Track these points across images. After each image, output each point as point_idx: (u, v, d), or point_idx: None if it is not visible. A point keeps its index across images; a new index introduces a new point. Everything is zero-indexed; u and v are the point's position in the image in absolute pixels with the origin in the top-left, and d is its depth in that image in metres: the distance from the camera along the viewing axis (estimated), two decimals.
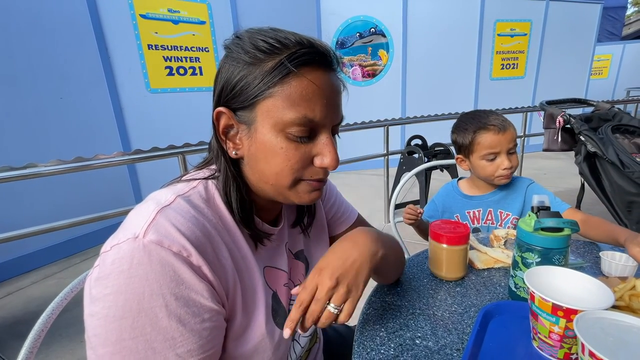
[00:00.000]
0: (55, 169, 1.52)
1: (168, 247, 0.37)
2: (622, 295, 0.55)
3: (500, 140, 0.98)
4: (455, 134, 1.07)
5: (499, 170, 1.00)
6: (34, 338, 0.50)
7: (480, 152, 1.00)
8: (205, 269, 0.40)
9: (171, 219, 0.40)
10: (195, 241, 0.40)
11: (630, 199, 1.34)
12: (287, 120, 0.42)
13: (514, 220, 1.06)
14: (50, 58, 2.40)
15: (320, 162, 0.45)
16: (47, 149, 2.39)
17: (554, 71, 5.23)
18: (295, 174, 0.45)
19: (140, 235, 0.37)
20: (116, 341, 0.35)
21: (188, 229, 0.40)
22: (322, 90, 0.43)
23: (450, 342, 0.54)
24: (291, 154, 0.44)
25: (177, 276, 0.37)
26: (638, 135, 1.48)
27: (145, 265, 0.36)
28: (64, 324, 1.70)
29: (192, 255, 0.39)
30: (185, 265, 0.38)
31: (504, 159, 0.99)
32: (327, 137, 0.45)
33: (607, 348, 0.37)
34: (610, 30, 8.83)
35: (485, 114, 1.03)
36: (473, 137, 1.00)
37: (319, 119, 0.43)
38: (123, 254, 0.37)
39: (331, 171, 0.46)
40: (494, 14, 4.68)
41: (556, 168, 4.33)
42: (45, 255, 2.46)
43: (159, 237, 0.37)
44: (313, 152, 0.45)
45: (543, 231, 0.59)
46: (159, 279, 0.36)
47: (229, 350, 0.46)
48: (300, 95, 0.42)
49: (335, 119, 0.46)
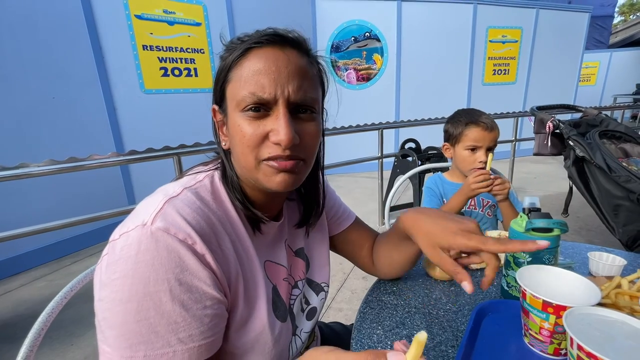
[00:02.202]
0: (49, 169, 1.50)
1: (174, 234, 0.39)
2: (609, 293, 0.57)
3: (485, 137, 1.09)
4: (449, 124, 1.18)
5: (475, 162, 1.10)
6: (34, 337, 0.50)
7: (465, 142, 1.11)
8: (208, 257, 0.41)
9: (178, 209, 0.41)
10: (200, 230, 0.42)
11: (617, 203, 1.38)
12: (239, 99, 0.44)
13: (493, 206, 1.20)
14: (43, 57, 2.38)
15: (274, 138, 0.44)
16: (38, 148, 2.36)
17: (544, 77, 5.36)
18: (252, 151, 0.45)
19: (148, 223, 0.39)
20: (121, 324, 0.37)
21: (194, 218, 0.42)
22: (271, 66, 0.43)
23: (445, 339, 0.56)
24: (245, 131, 0.45)
25: (182, 262, 0.39)
26: (624, 141, 1.53)
27: (152, 251, 0.38)
28: (54, 326, 1.67)
29: (196, 243, 0.40)
30: (190, 252, 0.40)
31: (482, 153, 1.10)
32: (281, 113, 0.44)
33: (595, 342, 0.39)
34: (597, 38, 9.06)
35: (479, 112, 1.14)
36: (463, 129, 1.12)
37: (267, 94, 0.43)
38: (131, 240, 0.38)
39: (285, 147, 0.44)
40: (486, 20, 4.77)
41: (546, 172, 4.42)
42: (35, 256, 2.41)
43: (166, 225, 0.39)
44: (267, 128, 0.45)
45: (534, 231, 0.61)
46: (165, 265, 0.38)
47: (231, 341, 0.47)
48: (250, 72, 0.44)
49: (291, 95, 0.44)
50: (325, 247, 0.68)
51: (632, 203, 1.32)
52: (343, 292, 1.97)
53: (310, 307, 0.63)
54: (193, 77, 3.22)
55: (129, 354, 0.36)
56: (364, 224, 0.75)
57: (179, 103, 3.16)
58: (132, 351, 0.36)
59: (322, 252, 0.67)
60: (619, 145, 1.53)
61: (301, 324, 0.60)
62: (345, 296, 1.93)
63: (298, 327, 0.59)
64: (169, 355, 0.37)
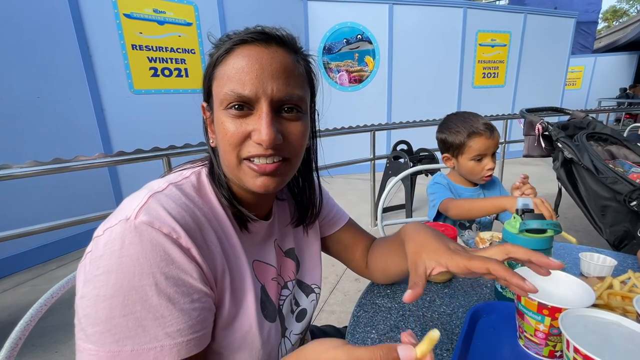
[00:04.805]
0: (32, 171, 1.45)
1: (158, 228, 0.38)
2: (601, 293, 0.58)
3: (489, 144, 1.07)
4: (445, 134, 1.13)
5: (484, 170, 1.09)
6: (11, 347, 0.47)
7: (470, 154, 1.08)
8: (194, 251, 0.41)
9: (162, 203, 0.41)
10: (185, 225, 0.41)
11: (604, 203, 1.40)
12: (222, 96, 0.44)
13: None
14: (27, 55, 2.31)
15: (256, 138, 0.43)
16: (22, 150, 2.29)
17: (532, 81, 5.46)
18: (234, 149, 0.44)
19: (132, 217, 0.38)
20: (106, 319, 0.35)
21: (178, 213, 0.41)
22: (254, 63, 0.43)
23: (440, 342, 0.55)
24: (227, 128, 0.44)
25: (167, 256, 0.38)
26: (610, 143, 1.56)
27: (136, 245, 0.37)
28: (37, 333, 1.62)
29: (181, 237, 0.40)
30: (175, 246, 0.39)
31: (489, 160, 1.08)
32: (263, 111, 0.43)
33: (591, 344, 0.38)
34: (582, 43, 9.30)
35: (475, 117, 1.11)
36: (466, 140, 1.08)
37: (248, 91, 0.42)
38: (115, 235, 0.37)
39: (266, 147, 0.43)
40: (476, 24, 4.85)
41: (535, 173, 4.49)
42: (18, 261, 2.33)
43: (149, 219, 0.38)
44: (250, 127, 0.44)
45: (527, 233, 0.61)
46: (150, 258, 0.37)
47: (218, 339, 0.45)
48: (233, 70, 0.43)
49: (275, 93, 0.43)
50: (316, 248, 0.67)
51: (618, 204, 1.34)
52: (335, 295, 1.96)
53: (300, 308, 0.62)
54: (183, 77, 3.18)
55: (116, 349, 0.35)
56: (357, 225, 0.75)
57: (169, 103, 3.11)
58: (118, 346, 0.35)
59: (314, 253, 0.66)
60: (605, 147, 1.56)
61: (291, 326, 0.59)
62: (338, 299, 1.92)
63: (287, 328, 0.58)
64: (156, 350, 0.36)
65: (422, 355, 0.31)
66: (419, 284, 0.44)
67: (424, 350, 0.31)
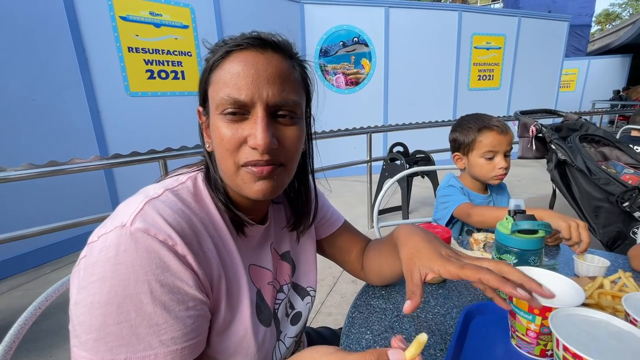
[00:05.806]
0: (27, 173, 1.45)
1: (154, 235, 0.38)
2: (592, 293, 0.58)
3: (501, 141, 1.03)
4: (457, 132, 1.10)
5: (495, 169, 1.04)
6: (4, 350, 0.47)
7: (480, 149, 1.04)
8: (190, 258, 0.40)
9: (158, 210, 0.41)
10: (181, 232, 0.41)
11: (597, 204, 1.42)
12: (218, 101, 0.44)
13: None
14: (23, 57, 2.30)
15: (251, 143, 0.43)
16: (17, 152, 2.27)
17: (527, 83, 5.51)
18: (231, 155, 0.45)
19: (127, 224, 0.38)
20: (100, 327, 0.35)
21: (174, 219, 0.41)
22: (250, 68, 0.43)
23: (433, 342, 0.56)
24: (223, 134, 0.44)
25: (163, 263, 0.38)
26: (603, 145, 1.58)
27: (131, 252, 0.37)
28: (31, 338, 1.61)
29: (177, 244, 0.39)
30: (171, 253, 0.39)
31: (501, 159, 1.04)
32: (258, 116, 0.43)
33: (580, 342, 0.39)
34: (576, 46, 9.41)
35: (488, 116, 1.08)
36: (476, 135, 1.05)
37: (244, 96, 0.43)
38: (110, 242, 0.37)
39: (262, 152, 0.43)
40: (471, 27, 4.89)
41: (529, 175, 4.53)
42: (13, 264, 2.31)
43: (145, 226, 0.38)
44: (245, 132, 0.44)
45: (520, 233, 0.62)
46: (145, 266, 0.37)
47: (213, 345, 0.45)
48: (228, 75, 0.43)
49: (270, 98, 0.43)
50: (312, 250, 0.67)
51: (611, 205, 1.36)
52: (332, 297, 1.96)
53: (294, 311, 0.62)
54: (180, 80, 3.18)
55: (109, 357, 0.35)
56: (353, 228, 0.75)
57: (165, 106, 3.10)
58: (112, 354, 0.35)
59: (309, 256, 0.66)
60: (598, 149, 1.58)
61: (285, 329, 0.59)
62: (335, 300, 1.92)
63: (282, 332, 0.58)
64: (150, 358, 0.36)
65: (411, 357, 0.32)
66: (416, 293, 0.45)
67: (413, 353, 0.32)
